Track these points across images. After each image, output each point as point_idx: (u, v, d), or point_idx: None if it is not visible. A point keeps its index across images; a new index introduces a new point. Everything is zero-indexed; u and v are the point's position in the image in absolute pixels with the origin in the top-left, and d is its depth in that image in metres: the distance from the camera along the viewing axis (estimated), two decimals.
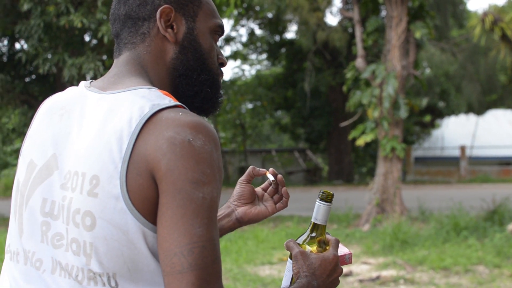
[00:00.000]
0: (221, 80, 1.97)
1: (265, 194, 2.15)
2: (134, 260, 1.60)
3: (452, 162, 41.28)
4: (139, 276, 1.61)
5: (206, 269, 1.53)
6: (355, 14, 17.45)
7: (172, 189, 1.53)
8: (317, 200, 1.91)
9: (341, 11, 23.94)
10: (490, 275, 10.10)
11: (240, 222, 2.08)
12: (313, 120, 36.32)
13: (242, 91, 38.66)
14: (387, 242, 12.62)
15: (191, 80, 1.86)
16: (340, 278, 8.23)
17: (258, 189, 2.14)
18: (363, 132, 16.92)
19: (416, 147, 42.58)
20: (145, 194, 1.57)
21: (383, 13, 17.99)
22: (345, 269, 10.67)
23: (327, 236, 1.92)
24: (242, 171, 39.69)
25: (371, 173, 34.72)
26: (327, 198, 1.89)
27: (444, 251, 11.85)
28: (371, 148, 33.90)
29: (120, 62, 1.82)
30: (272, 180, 2.12)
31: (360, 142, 16.72)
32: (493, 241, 12.36)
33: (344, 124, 19.55)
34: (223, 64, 1.95)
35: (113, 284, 1.61)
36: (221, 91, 1.95)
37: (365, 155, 40.43)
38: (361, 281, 9.89)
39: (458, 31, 36.47)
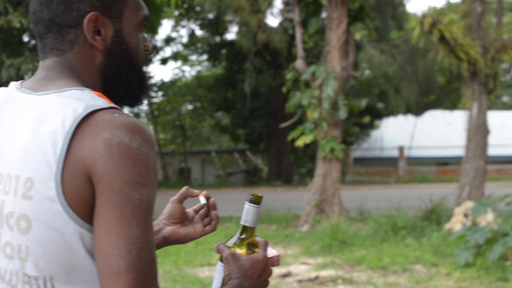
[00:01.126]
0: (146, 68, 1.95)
1: (196, 216, 2.12)
2: (72, 262, 1.57)
3: (390, 162, 41.73)
4: (77, 278, 1.59)
5: (143, 271, 1.52)
6: (296, 16, 17.50)
7: (109, 191, 1.52)
8: (246, 202, 1.90)
9: (282, 12, 23.98)
10: (427, 274, 10.22)
11: (167, 241, 2.05)
12: (253, 121, 36.36)
13: (182, 92, 38.57)
14: (325, 242, 12.68)
15: (121, 82, 1.84)
16: (279, 279, 8.23)
17: (189, 210, 2.12)
18: (302, 133, 16.98)
19: (355, 147, 42.91)
20: (81, 196, 1.54)
21: (324, 14, 18.07)
22: (284, 269, 10.71)
23: (256, 238, 1.91)
24: (181, 172, 39.63)
25: (311, 173, 34.89)
26: (256, 200, 1.89)
27: (382, 250, 11.95)
28: (311, 149, 34.08)
29: (48, 65, 1.78)
30: (204, 204, 2.10)
31: (300, 143, 16.78)
32: (430, 241, 12.51)
33: (283, 125, 19.61)
34: (148, 50, 1.94)
35: (49, 287, 1.58)
36: (148, 84, 1.93)
37: (304, 156, 40.62)
38: (299, 281, 9.91)
39: (397, 33, 36.88)
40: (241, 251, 1.87)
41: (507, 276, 9.55)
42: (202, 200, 2.10)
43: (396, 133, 45.45)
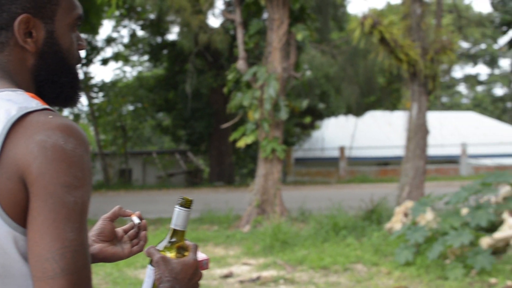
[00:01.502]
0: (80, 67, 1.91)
1: (125, 236, 2.08)
2: (5, 266, 1.54)
3: (331, 162, 41.99)
4: (11, 282, 1.56)
5: (78, 274, 1.49)
6: (237, 16, 17.48)
7: (44, 193, 1.49)
8: (176, 206, 1.89)
9: (223, 13, 24.00)
10: (368, 273, 10.29)
11: (94, 258, 2.00)
12: (194, 122, 36.28)
13: (123, 92, 38.33)
14: (267, 242, 12.68)
15: (53, 83, 1.80)
16: (220, 280, 8.17)
17: (119, 230, 2.08)
18: (243, 134, 16.97)
19: (297, 148, 43.07)
20: (15, 198, 1.51)
21: (265, 15, 18.10)
22: (226, 270, 10.68)
23: (186, 242, 1.90)
24: (122, 173, 39.37)
25: (252, 174, 34.94)
26: (186, 204, 1.87)
27: (324, 250, 12.00)
28: (252, 149, 34.13)
29: None
30: (137, 223, 2.07)
31: (241, 143, 16.76)
32: (371, 240, 12.60)
33: (225, 126, 19.58)
34: (82, 49, 1.90)
35: None
36: (81, 85, 1.90)
37: (246, 156, 40.66)
38: (241, 282, 9.89)
39: (338, 34, 37.09)
40: (171, 254, 1.85)
41: (447, 274, 9.67)
42: (136, 220, 2.08)
43: (337, 133, 45.76)
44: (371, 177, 39.28)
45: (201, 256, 1.96)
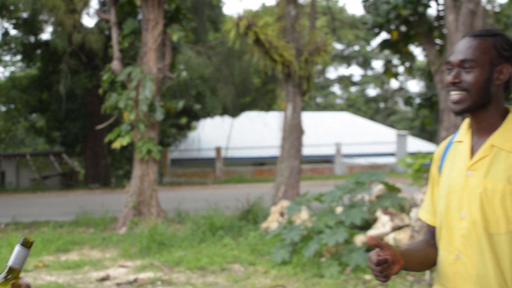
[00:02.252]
0: None
1: None
2: None
3: (208, 163, 42.02)
4: None
5: None
6: (112, 16, 17.28)
7: None
8: (17, 245, 1.87)
9: (98, 13, 23.60)
10: (245, 273, 10.34)
11: None
12: (69, 123, 35.61)
13: None
14: (144, 244, 12.60)
15: None
16: (97, 283, 8.02)
17: None
18: (119, 135, 16.79)
19: (173, 149, 42.87)
20: None
21: (141, 15, 17.95)
22: (102, 273, 10.55)
23: (20, 280, 1.89)
24: None
25: (128, 175, 34.58)
26: (28, 244, 1.87)
27: (201, 251, 12.00)
28: (128, 150, 33.78)
29: None
30: None
31: (116, 145, 16.59)
32: (247, 240, 12.69)
33: (100, 127, 19.34)
34: None
35: None
36: None
37: (121, 157, 40.24)
38: (118, 284, 9.79)
39: (214, 35, 37.15)
40: None
41: (323, 272, 9.83)
42: None
43: (213, 134, 45.82)
44: (247, 177, 39.50)
45: None
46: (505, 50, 2.82)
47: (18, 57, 41.56)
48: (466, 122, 2.96)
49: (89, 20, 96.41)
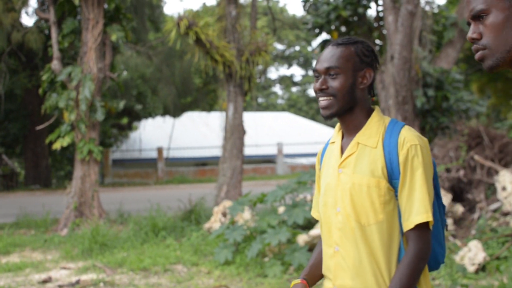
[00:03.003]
0: None
1: None
2: None
3: (150, 163, 41.85)
4: None
5: None
6: (51, 16, 17.10)
7: None
8: None
9: (37, 12, 23.35)
10: (189, 273, 10.34)
11: None
12: (8, 124, 35.11)
13: None
14: (86, 246, 12.50)
15: None
16: (39, 285, 7.98)
17: None
18: (59, 136, 16.64)
19: (114, 149, 42.60)
20: None
21: (80, 15, 17.79)
22: (44, 275, 10.45)
23: None
24: None
25: (69, 176, 34.26)
26: None
27: (143, 252, 11.96)
28: (69, 151, 33.46)
29: None
30: None
31: (57, 145, 16.43)
32: (190, 240, 12.68)
33: (40, 127, 19.13)
34: None
35: None
36: None
37: (63, 158, 39.84)
38: (60, 286, 9.71)
39: (155, 35, 37.00)
40: None
41: (266, 271, 9.87)
42: None
43: (155, 134, 45.65)
44: (189, 178, 39.45)
45: None
46: (366, 56, 3.07)
47: None
48: (338, 124, 3.20)
49: (28, 19, 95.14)
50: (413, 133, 2.98)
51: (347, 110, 3.05)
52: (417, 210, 2.88)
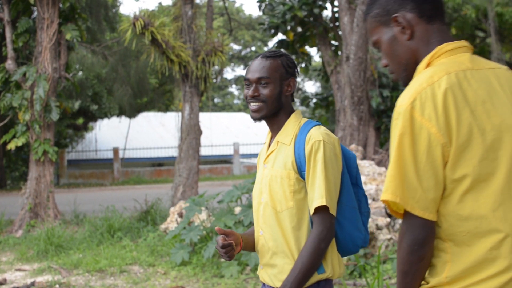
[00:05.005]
0: None
1: None
2: None
3: (105, 164, 41.59)
4: None
5: None
6: (5, 15, 16.92)
7: None
8: None
9: None
10: (145, 274, 10.34)
11: None
12: None
13: None
14: (41, 247, 12.41)
15: None
16: None
17: None
18: (14, 136, 16.49)
19: (70, 150, 42.28)
20: None
21: (35, 14, 17.65)
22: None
23: None
24: None
25: (24, 177, 33.95)
26: None
27: (99, 253, 11.92)
28: (24, 152, 33.17)
29: None
30: None
31: (11, 145, 16.29)
32: (146, 241, 12.65)
33: None
34: None
35: None
36: None
37: (17, 159, 39.40)
38: None
39: (110, 34, 36.77)
40: None
41: (222, 272, 9.90)
42: None
43: (111, 134, 45.39)
44: (145, 178, 39.28)
45: None
46: (290, 67, 3.61)
47: None
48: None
49: None
50: (321, 131, 3.46)
51: (274, 113, 3.59)
52: (315, 196, 3.33)
